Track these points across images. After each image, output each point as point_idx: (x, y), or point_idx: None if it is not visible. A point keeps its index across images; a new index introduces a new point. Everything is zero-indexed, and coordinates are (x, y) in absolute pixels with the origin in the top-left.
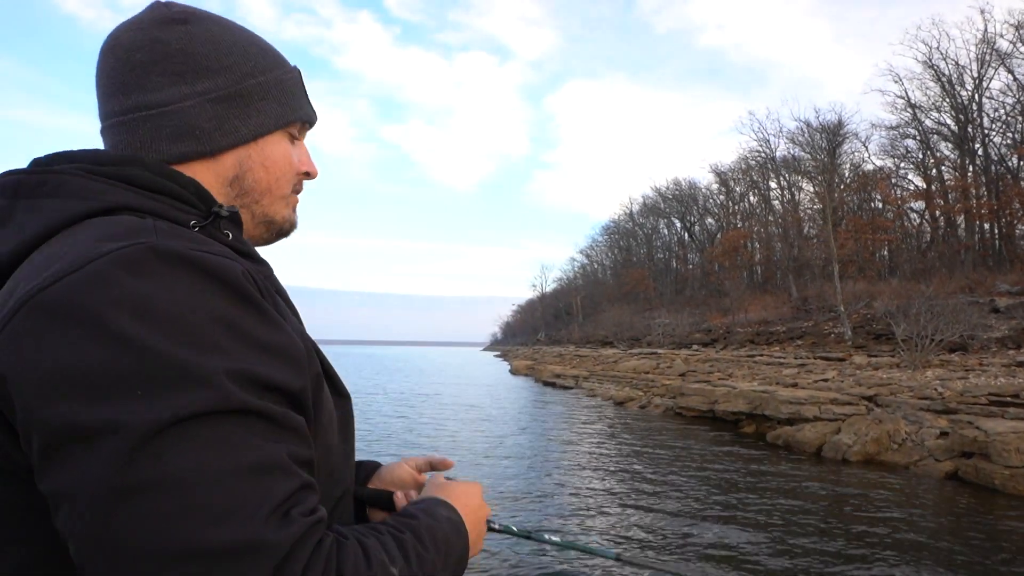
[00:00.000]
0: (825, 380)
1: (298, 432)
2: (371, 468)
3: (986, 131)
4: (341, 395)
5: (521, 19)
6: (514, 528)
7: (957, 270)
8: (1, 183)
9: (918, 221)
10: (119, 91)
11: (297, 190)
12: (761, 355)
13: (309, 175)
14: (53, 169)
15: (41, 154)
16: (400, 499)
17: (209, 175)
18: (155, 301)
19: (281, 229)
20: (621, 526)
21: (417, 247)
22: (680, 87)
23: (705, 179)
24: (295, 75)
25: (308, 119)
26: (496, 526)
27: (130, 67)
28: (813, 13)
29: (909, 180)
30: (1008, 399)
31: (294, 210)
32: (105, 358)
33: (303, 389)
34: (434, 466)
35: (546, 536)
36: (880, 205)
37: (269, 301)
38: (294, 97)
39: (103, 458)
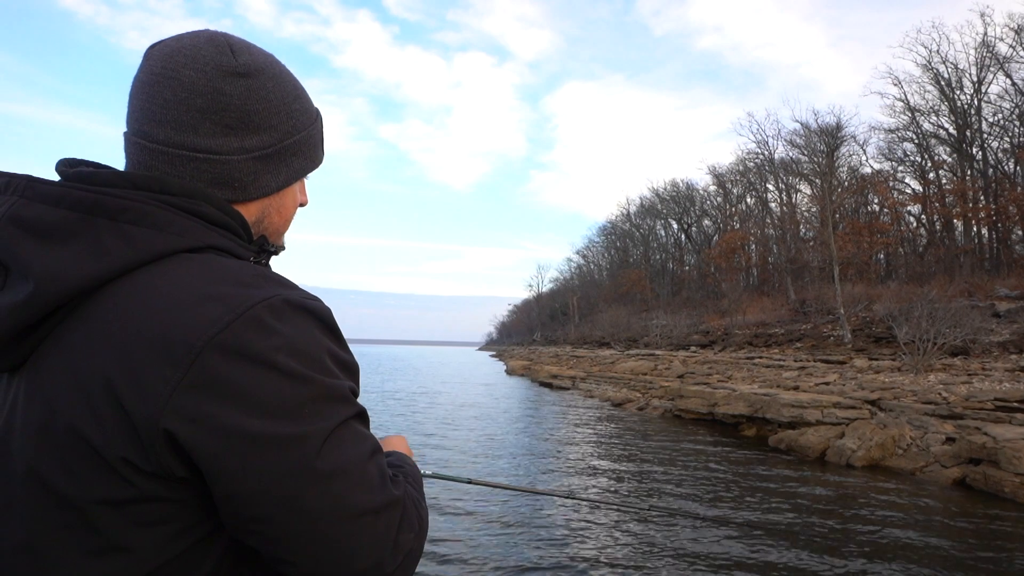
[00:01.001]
0: (826, 383)
1: (369, 419)
2: None
3: (984, 135)
4: None
5: (520, 20)
6: (430, 472)
7: (956, 274)
8: (72, 196)
9: (915, 225)
10: (171, 124)
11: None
12: (760, 357)
13: (303, 204)
14: (128, 195)
15: (40, 150)
16: None
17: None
18: (298, 344)
19: (275, 254)
20: (620, 529)
21: (413, 246)
22: (678, 89)
23: (703, 180)
24: (319, 125)
25: (320, 164)
26: (429, 472)
27: (187, 108)
28: (810, 17)
29: (906, 184)
30: (1015, 404)
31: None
32: (282, 388)
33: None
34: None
35: (449, 472)
36: (877, 208)
37: (339, 329)
38: (316, 149)
39: (304, 456)
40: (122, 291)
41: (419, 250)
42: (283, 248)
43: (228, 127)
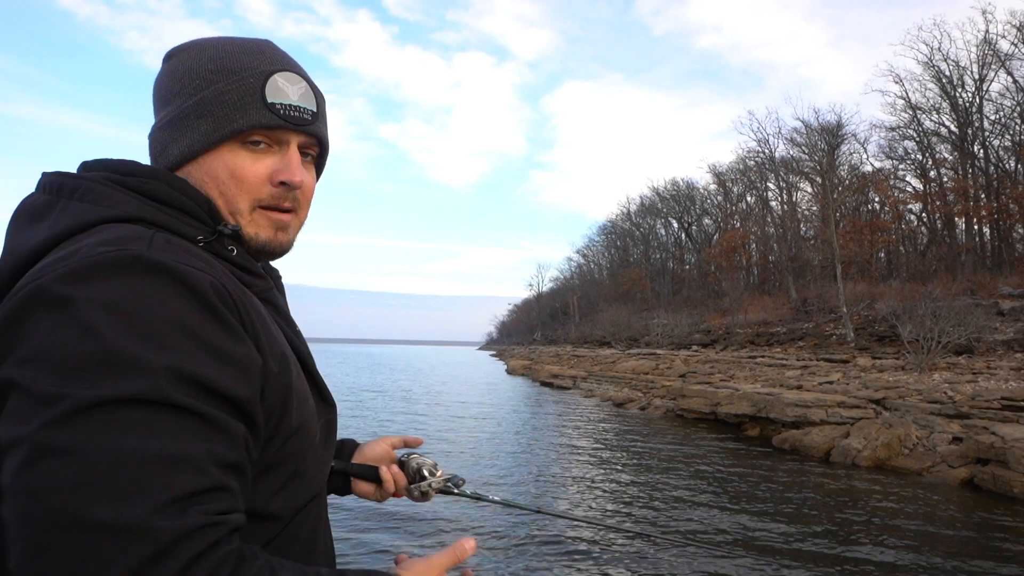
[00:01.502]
0: (830, 382)
1: (230, 436)
2: (352, 445)
3: (986, 133)
4: (327, 403)
5: (519, 19)
6: (468, 491)
7: (958, 272)
8: (48, 181)
9: (916, 223)
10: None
11: (277, 204)
12: (762, 356)
13: (287, 184)
14: (86, 176)
15: (40, 150)
16: (385, 471)
17: None
18: (124, 300)
19: (251, 247)
20: (623, 529)
21: (413, 246)
22: (677, 89)
23: (703, 179)
24: (246, 82)
25: (254, 127)
26: (456, 491)
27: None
28: (810, 16)
29: (907, 182)
30: (1022, 403)
31: (278, 229)
32: (71, 341)
33: (250, 399)
34: (408, 443)
35: (471, 491)
36: (877, 207)
37: (241, 314)
38: (235, 107)
39: (43, 419)
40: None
41: (419, 250)
42: (253, 244)
43: (155, 108)
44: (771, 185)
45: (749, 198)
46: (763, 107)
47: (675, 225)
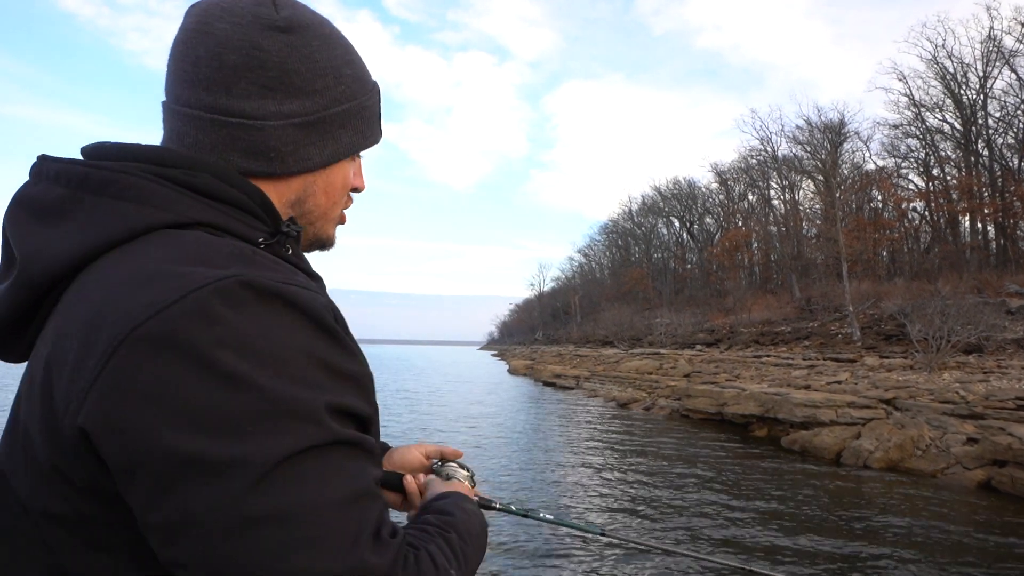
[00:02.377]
0: (838, 382)
1: (375, 455)
2: (382, 449)
3: (991, 131)
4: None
5: (520, 19)
6: (513, 507)
7: (964, 270)
8: (61, 170)
9: (919, 221)
10: (201, 84)
11: (346, 206)
12: (768, 356)
13: (357, 189)
14: (123, 168)
15: (38, 148)
16: (409, 482)
17: (272, 194)
18: (255, 339)
19: (323, 246)
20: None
21: (413, 246)
22: (678, 88)
23: (704, 178)
24: (375, 98)
25: (375, 144)
26: (497, 505)
27: (219, 65)
28: (810, 15)
29: (909, 180)
30: None
31: (336, 227)
32: (219, 396)
33: (373, 415)
34: (444, 455)
35: (541, 514)
36: (879, 205)
37: (347, 330)
38: (369, 124)
39: (231, 491)
40: (92, 272)
41: (419, 250)
42: (328, 240)
43: (266, 88)
44: (773, 184)
45: (751, 197)
46: (765, 105)
47: (676, 224)
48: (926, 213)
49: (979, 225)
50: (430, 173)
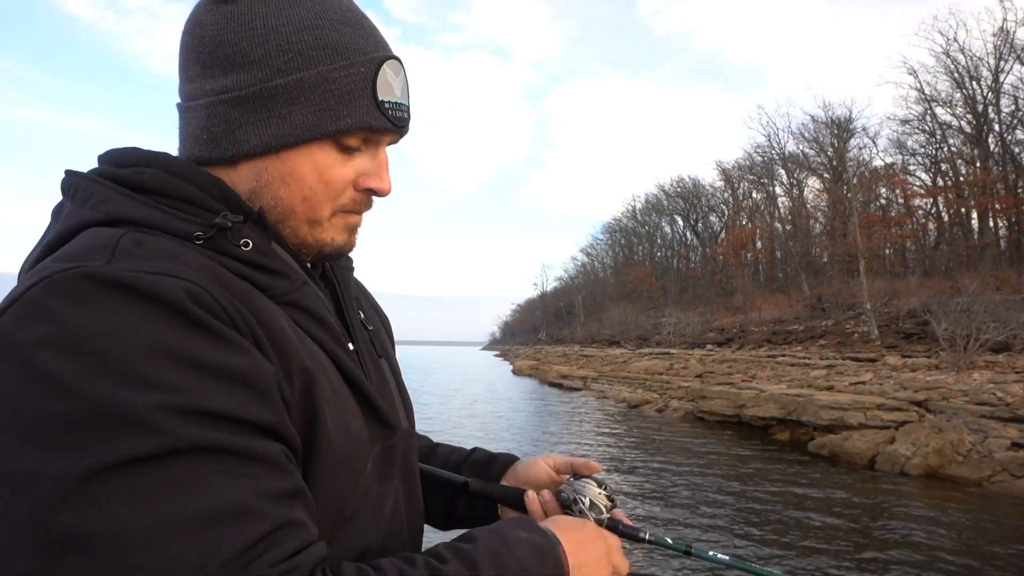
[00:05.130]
0: (862, 383)
1: (271, 463)
2: (506, 462)
3: (1004, 126)
4: (385, 425)
5: (521, 20)
6: (669, 541)
7: (982, 267)
8: (62, 182)
9: (926, 218)
10: (180, 74)
11: (357, 209)
12: (783, 355)
13: (375, 192)
14: (81, 172)
15: (45, 154)
16: (531, 499)
17: (228, 184)
18: (87, 335)
19: (320, 253)
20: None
21: (414, 246)
22: (680, 88)
23: (709, 176)
24: (355, 70)
25: (360, 128)
26: (648, 537)
27: (180, 50)
28: (812, 15)
29: (917, 176)
30: None
31: (350, 232)
32: (36, 401)
33: (277, 420)
34: (576, 468)
35: (709, 553)
36: (884, 202)
37: (234, 319)
38: (342, 101)
39: (35, 507)
40: None
41: (420, 250)
42: (320, 246)
43: (204, 66)
44: (782, 180)
45: (756, 195)
46: (774, 100)
47: (680, 223)
48: (932, 210)
49: (991, 222)
50: (431, 173)
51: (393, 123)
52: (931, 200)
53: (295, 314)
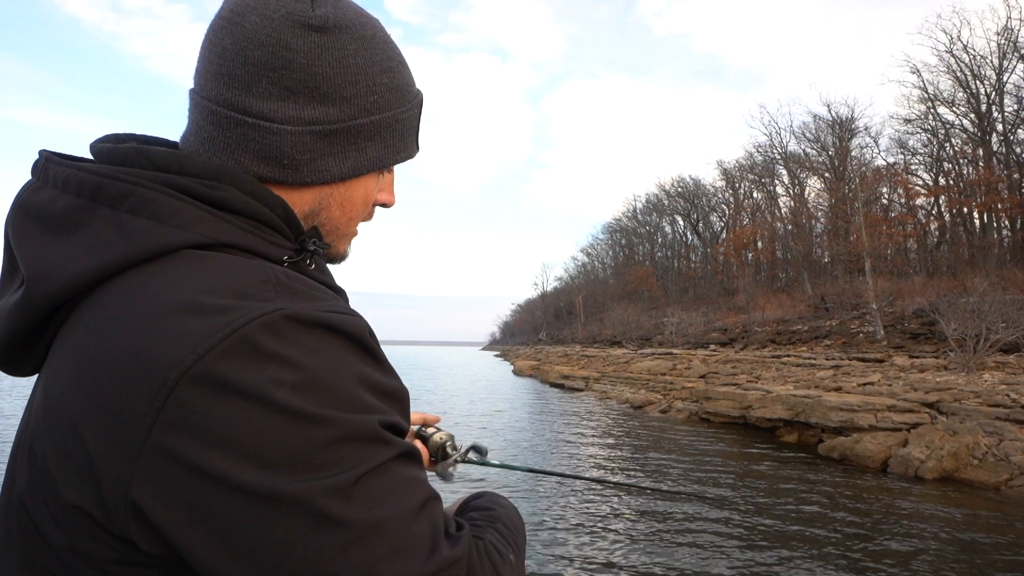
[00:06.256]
0: (871, 384)
1: (421, 459)
2: None
3: (1008, 125)
4: None
5: (522, 21)
6: (493, 460)
7: (981, 267)
8: (71, 177)
9: (928, 218)
10: (224, 78)
11: (365, 221)
12: (788, 356)
13: (385, 205)
14: (140, 179)
15: (49, 146)
16: None
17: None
18: (308, 372)
19: (332, 261)
20: (665, 553)
21: (414, 246)
22: (681, 88)
23: (710, 176)
24: (413, 111)
25: (407, 159)
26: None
27: (243, 60)
28: (814, 14)
29: (919, 176)
30: None
31: (351, 242)
32: (283, 433)
33: (408, 425)
34: (427, 421)
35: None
36: (887, 202)
37: (379, 348)
38: (402, 138)
39: (311, 518)
40: (109, 295)
41: (420, 250)
42: (343, 255)
43: (287, 89)
44: (783, 180)
45: (757, 194)
46: (776, 100)
47: (681, 223)
48: (934, 210)
49: (995, 221)
50: (432, 174)
51: (416, 153)
52: (933, 200)
53: None
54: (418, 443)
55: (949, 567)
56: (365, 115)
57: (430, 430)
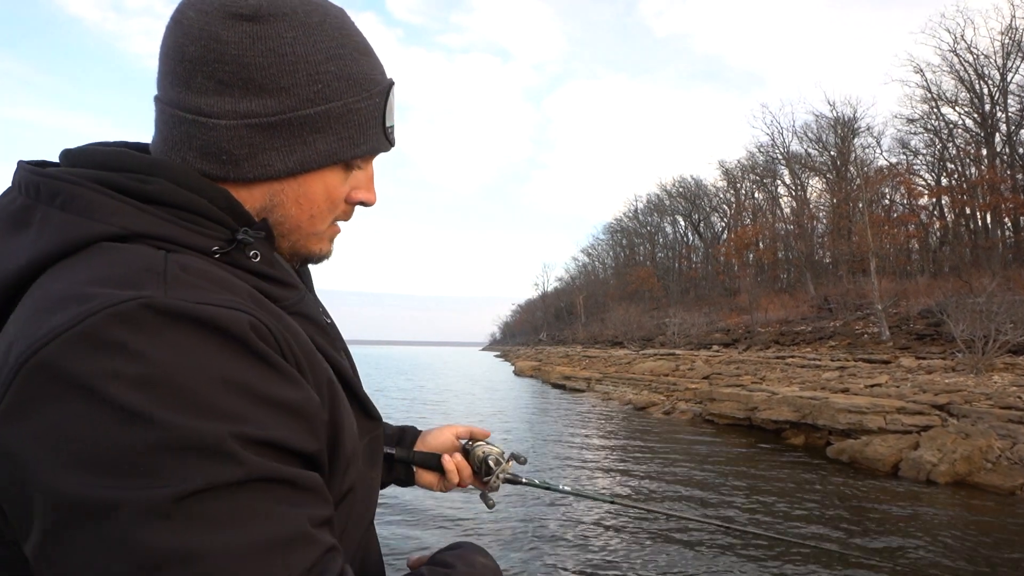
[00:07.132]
0: (878, 385)
1: (317, 492)
2: (414, 433)
3: (1012, 126)
4: (372, 418)
5: (523, 22)
6: (536, 481)
7: (986, 267)
8: (22, 179)
9: (930, 217)
10: (167, 77)
11: (342, 219)
12: (792, 356)
13: (364, 204)
14: (71, 177)
15: (48, 155)
16: (448, 460)
17: (237, 199)
18: (155, 367)
19: (307, 260)
20: (671, 557)
21: (415, 246)
22: (681, 89)
23: (711, 176)
24: (374, 101)
25: (371, 153)
26: (523, 480)
27: (180, 57)
28: (816, 14)
29: (922, 176)
30: None
31: (331, 241)
32: (111, 432)
33: (319, 450)
34: (474, 435)
35: (560, 485)
36: (889, 202)
37: (283, 350)
38: (360, 130)
39: (125, 533)
40: (33, 287)
41: (420, 250)
42: (320, 254)
43: (222, 83)
44: (785, 180)
45: (758, 194)
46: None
47: (682, 223)
48: (936, 210)
49: (998, 222)
50: (432, 174)
51: (392, 144)
52: (936, 200)
53: (302, 323)
54: (458, 457)
55: (966, 573)
56: (308, 106)
57: (477, 444)
